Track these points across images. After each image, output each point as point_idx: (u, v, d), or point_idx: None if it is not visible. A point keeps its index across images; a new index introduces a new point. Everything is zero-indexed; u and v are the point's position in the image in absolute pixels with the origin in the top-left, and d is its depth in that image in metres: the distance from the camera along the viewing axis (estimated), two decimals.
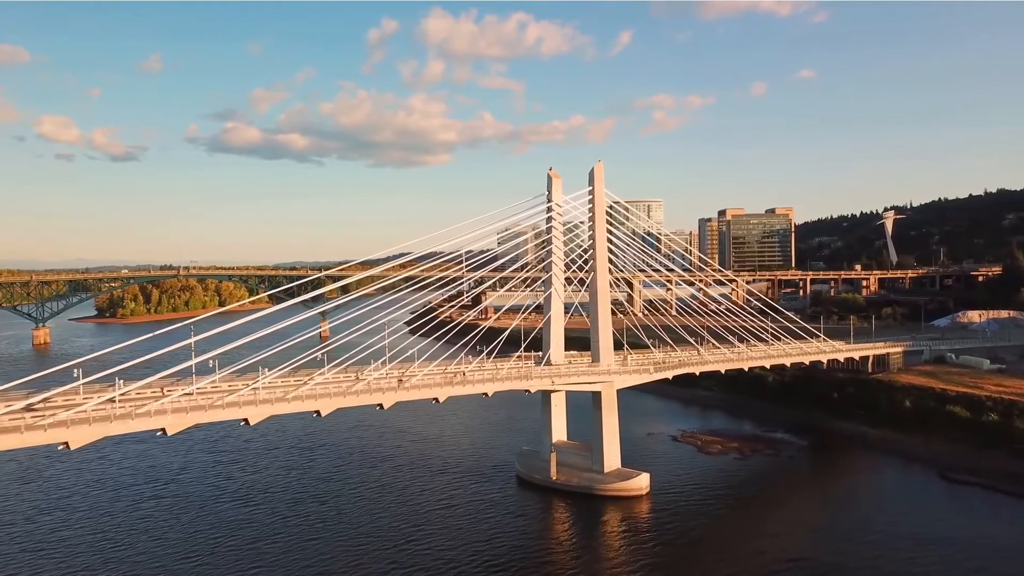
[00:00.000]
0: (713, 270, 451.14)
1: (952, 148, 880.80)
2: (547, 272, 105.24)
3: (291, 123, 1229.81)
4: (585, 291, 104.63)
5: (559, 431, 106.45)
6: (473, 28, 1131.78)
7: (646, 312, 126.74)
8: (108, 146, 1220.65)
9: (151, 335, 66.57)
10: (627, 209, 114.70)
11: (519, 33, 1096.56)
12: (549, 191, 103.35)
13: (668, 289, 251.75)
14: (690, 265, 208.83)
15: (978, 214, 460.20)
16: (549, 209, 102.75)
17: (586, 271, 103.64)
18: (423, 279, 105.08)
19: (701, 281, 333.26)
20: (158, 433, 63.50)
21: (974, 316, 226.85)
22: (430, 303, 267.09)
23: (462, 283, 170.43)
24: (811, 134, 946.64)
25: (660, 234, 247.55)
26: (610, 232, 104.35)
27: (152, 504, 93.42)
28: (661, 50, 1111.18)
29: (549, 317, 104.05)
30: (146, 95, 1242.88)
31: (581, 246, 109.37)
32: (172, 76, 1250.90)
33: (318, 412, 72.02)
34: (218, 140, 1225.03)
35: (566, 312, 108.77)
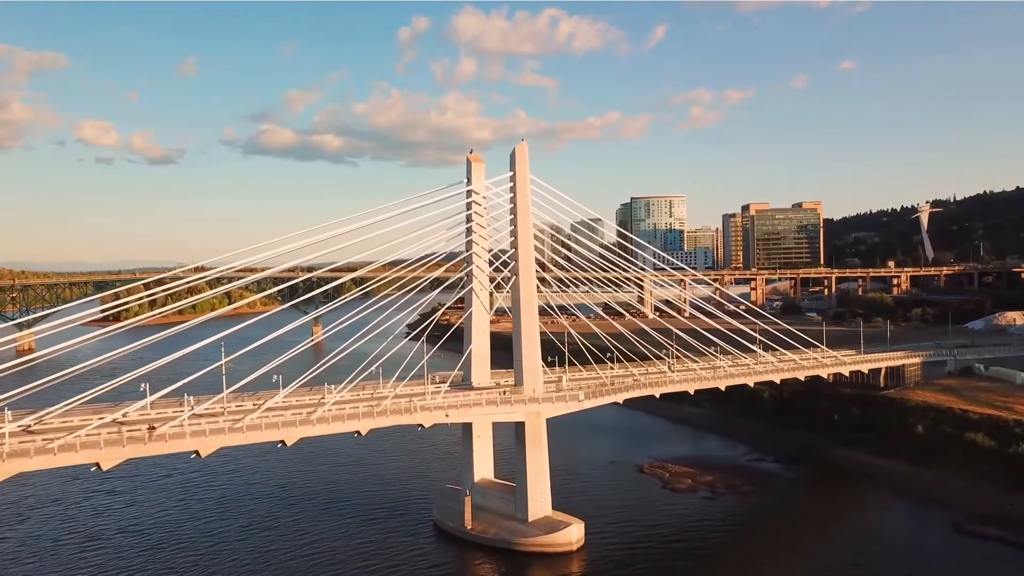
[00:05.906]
0: (733, 268, 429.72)
1: (999, 140, 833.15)
2: (467, 267, 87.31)
3: (325, 124, 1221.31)
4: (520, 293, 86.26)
5: (483, 467, 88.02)
6: (504, 25, 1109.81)
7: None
8: (146, 149, 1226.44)
9: None
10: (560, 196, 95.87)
11: (551, 29, 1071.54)
12: (468, 177, 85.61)
13: (683, 287, 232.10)
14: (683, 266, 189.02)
15: None
16: (468, 194, 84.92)
17: (509, 270, 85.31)
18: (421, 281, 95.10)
19: (718, 281, 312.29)
20: None
21: (1013, 317, 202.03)
22: (435, 307, 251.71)
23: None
24: (850, 126, 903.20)
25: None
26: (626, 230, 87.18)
27: None
28: (697, 44, 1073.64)
29: (469, 325, 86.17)
30: (183, 98, 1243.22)
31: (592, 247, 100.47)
32: (208, 78, 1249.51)
33: (98, 465, 54.87)
34: (254, 142, 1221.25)
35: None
